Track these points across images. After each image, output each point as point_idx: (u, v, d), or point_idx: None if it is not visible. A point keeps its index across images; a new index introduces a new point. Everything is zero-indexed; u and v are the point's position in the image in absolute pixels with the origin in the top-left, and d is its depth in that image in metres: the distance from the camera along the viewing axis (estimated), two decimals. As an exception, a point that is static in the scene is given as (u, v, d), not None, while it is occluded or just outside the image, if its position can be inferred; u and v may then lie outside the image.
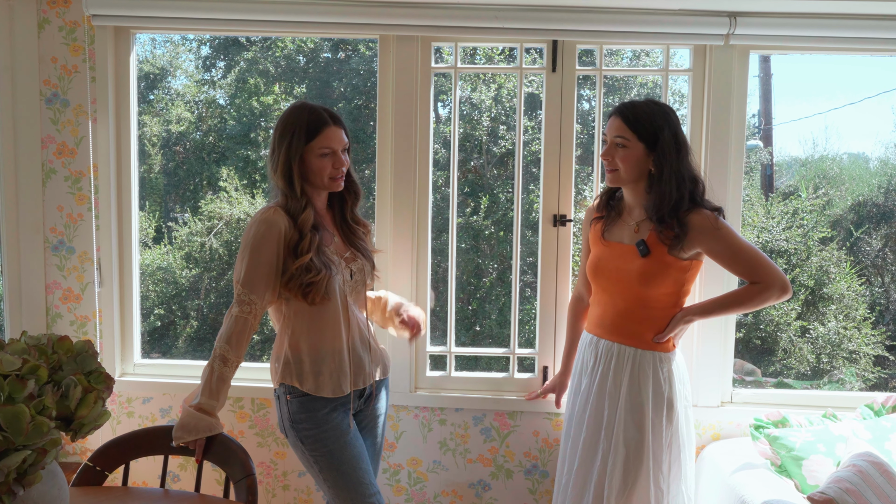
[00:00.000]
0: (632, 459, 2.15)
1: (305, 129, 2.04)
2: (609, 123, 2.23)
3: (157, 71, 8.25)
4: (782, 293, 2.12)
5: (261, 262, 2.01)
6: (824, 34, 2.59)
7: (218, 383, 2.01)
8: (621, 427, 2.17)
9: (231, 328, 2.02)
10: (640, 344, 2.22)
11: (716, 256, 2.18)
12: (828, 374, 6.88)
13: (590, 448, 2.22)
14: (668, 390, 2.20)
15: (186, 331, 7.36)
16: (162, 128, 7.83)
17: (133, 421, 2.83)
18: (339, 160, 2.09)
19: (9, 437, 1.20)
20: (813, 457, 2.32)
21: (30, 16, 2.67)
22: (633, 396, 2.18)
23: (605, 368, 2.24)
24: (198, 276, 7.33)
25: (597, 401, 2.23)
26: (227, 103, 8.04)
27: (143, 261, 7.21)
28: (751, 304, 2.18)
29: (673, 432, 2.20)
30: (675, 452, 2.21)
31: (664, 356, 2.23)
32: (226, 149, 7.76)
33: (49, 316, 2.79)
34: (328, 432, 2.08)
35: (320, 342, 2.09)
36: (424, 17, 2.58)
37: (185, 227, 7.33)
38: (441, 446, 2.79)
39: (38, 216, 2.74)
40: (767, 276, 2.13)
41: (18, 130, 2.70)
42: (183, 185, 8.02)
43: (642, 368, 2.20)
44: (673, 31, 2.58)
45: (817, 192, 7.67)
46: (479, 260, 6.87)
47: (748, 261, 2.15)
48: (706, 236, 2.14)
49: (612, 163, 2.21)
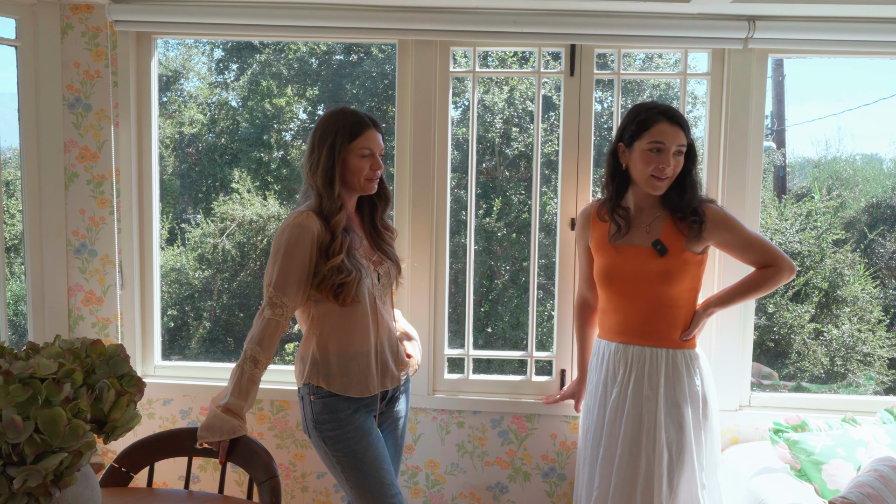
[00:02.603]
0: (675, 461, 2.17)
1: (349, 129, 2.09)
2: (664, 131, 2.17)
3: (171, 73, 8.29)
4: (791, 273, 2.24)
5: (293, 265, 2.03)
6: (842, 38, 2.58)
7: (248, 384, 2.03)
8: (662, 431, 2.18)
9: (263, 330, 2.04)
10: (670, 344, 2.24)
11: (728, 246, 2.26)
12: (842, 377, 6.85)
13: (630, 457, 2.19)
14: (702, 386, 2.24)
15: (199, 332, 7.39)
16: (175, 130, 7.86)
17: (154, 422, 2.86)
18: (377, 163, 2.14)
19: (46, 439, 1.22)
20: (833, 461, 2.32)
21: (53, 21, 2.70)
22: (671, 398, 2.20)
23: (638, 374, 2.23)
24: (210, 278, 7.36)
25: (633, 408, 2.22)
26: (239, 105, 8.07)
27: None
28: (766, 286, 2.26)
29: (709, 427, 2.25)
30: (709, 448, 2.25)
31: (693, 353, 2.26)
32: (238, 151, 7.79)
33: (71, 318, 2.82)
34: (351, 433, 2.09)
35: (349, 344, 2.11)
36: (443, 22, 2.60)
37: (198, 228, 7.36)
38: (459, 449, 2.80)
39: (61, 219, 2.78)
40: (778, 259, 2.24)
41: (42, 135, 2.73)
42: (195, 186, 8.06)
43: (676, 368, 2.22)
44: (691, 35, 2.59)
45: (830, 194, 7.63)
46: (492, 262, 6.87)
47: (760, 247, 2.25)
48: (718, 228, 2.22)
49: (671, 171, 2.20)
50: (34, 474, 1.20)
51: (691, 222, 2.21)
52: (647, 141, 2.18)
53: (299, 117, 7.80)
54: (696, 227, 2.20)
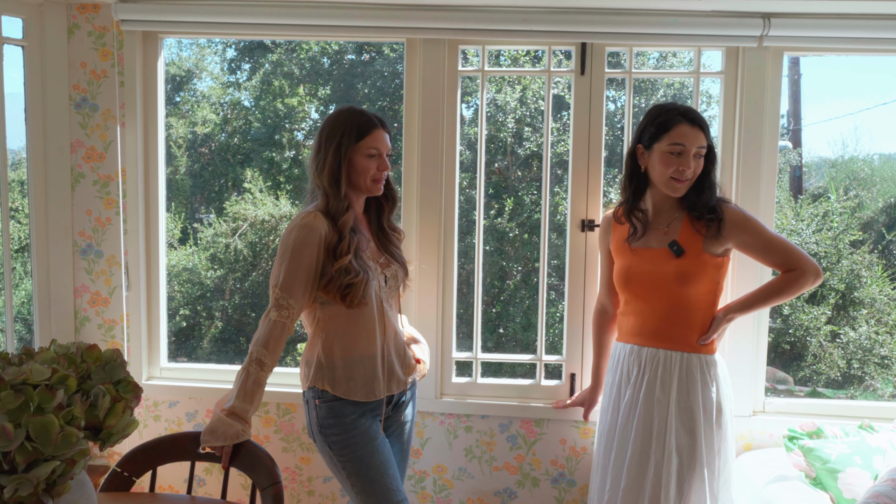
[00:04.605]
0: (685, 467, 2.12)
1: (356, 129, 2.06)
2: (684, 133, 2.13)
3: (184, 73, 8.31)
4: (816, 278, 2.14)
5: (301, 266, 2.00)
6: (860, 35, 2.52)
7: (253, 387, 2.00)
8: (672, 435, 2.13)
9: (269, 332, 2.01)
10: (685, 348, 2.18)
11: (748, 248, 2.18)
12: (859, 380, 6.76)
13: (640, 461, 2.16)
14: (717, 394, 2.17)
15: (212, 331, 7.40)
16: (188, 129, 7.88)
17: (160, 425, 2.84)
18: (384, 163, 2.11)
19: (38, 447, 1.19)
20: (849, 469, 2.26)
21: (60, 21, 2.69)
22: (683, 403, 2.15)
23: (651, 376, 2.19)
24: (222, 277, 7.37)
25: (644, 410, 2.18)
26: (252, 105, 8.09)
27: (169, 262, 7.25)
28: (789, 292, 2.17)
29: (722, 436, 2.18)
30: (723, 457, 2.19)
31: (710, 358, 2.20)
32: (250, 150, 7.80)
33: (77, 319, 2.81)
34: (356, 438, 2.06)
35: (355, 347, 2.08)
36: (452, 20, 2.56)
37: (210, 228, 7.38)
38: (467, 453, 2.76)
39: (67, 220, 2.76)
40: (802, 262, 2.14)
41: (48, 135, 2.72)
42: (208, 186, 8.08)
43: (690, 373, 2.16)
44: (705, 32, 2.53)
45: (847, 194, 7.53)
46: (504, 262, 6.83)
47: (782, 250, 2.16)
48: (737, 229, 2.15)
49: (691, 173, 2.16)
50: (25, 483, 1.18)
51: (708, 220, 2.16)
52: (666, 143, 2.14)
53: (311, 117, 7.80)
54: (713, 227, 2.15)
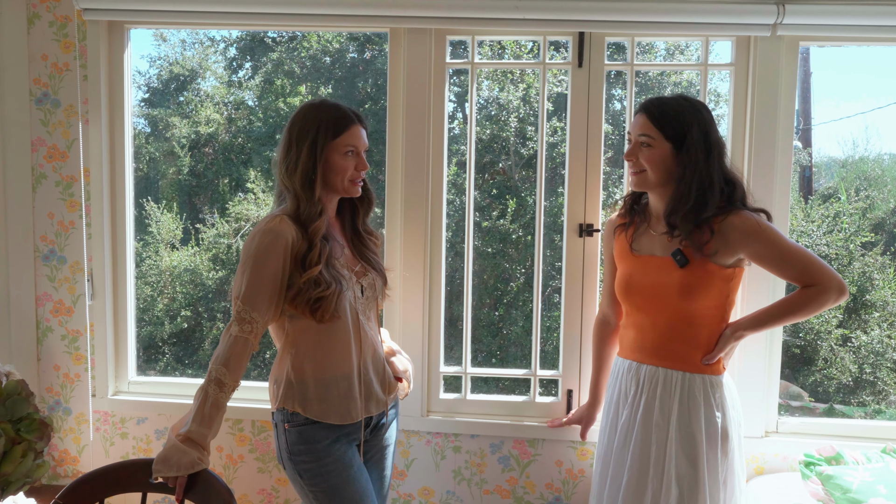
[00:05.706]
0: (686, 499, 1.90)
1: (333, 125, 1.87)
2: (634, 121, 2.03)
3: (187, 73, 8.20)
4: (840, 295, 1.89)
5: (264, 276, 1.81)
6: (881, 23, 2.31)
7: (212, 410, 1.80)
8: (672, 463, 1.92)
9: (229, 349, 1.81)
10: (688, 367, 1.97)
11: (762, 260, 1.93)
12: (871, 385, 6.59)
13: (636, 489, 1.96)
14: (722, 419, 1.95)
15: (213, 332, 7.29)
16: (191, 129, 7.77)
17: (127, 443, 2.65)
18: (363, 162, 1.93)
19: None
20: (872, 500, 2.05)
21: (19, 10, 2.51)
22: (684, 427, 1.94)
23: (649, 397, 1.99)
24: (224, 278, 7.28)
25: (642, 434, 1.98)
26: (255, 105, 7.99)
27: (171, 263, 7.24)
28: (807, 310, 1.93)
29: (728, 466, 1.96)
30: (730, 488, 1.97)
31: (715, 380, 1.98)
32: (252, 150, 7.70)
33: (39, 330, 2.63)
34: (329, 466, 1.87)
35: (328, 364, 1.89)
36: (438, 9, 2.36)
37: (213, 228, 7.29)
38: (455, 475, 2.57)
39: (28, 224, 2.58)
40: (823, 277, 1.89)
41: (7, 132, 2.54)
42: (211, 186, 7.97)
43: (692, 395, 1.95)
44: (713, 20, 2.33)
45: (858, 195, 7.36)
46: (507, 264, 6.67)
47: (800, 262, 1.91)
48: (749, 239, 1.91)
49: (636, 164, 2.00)
50: None
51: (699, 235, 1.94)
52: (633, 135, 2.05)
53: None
54: (709, 235, 1.93)
